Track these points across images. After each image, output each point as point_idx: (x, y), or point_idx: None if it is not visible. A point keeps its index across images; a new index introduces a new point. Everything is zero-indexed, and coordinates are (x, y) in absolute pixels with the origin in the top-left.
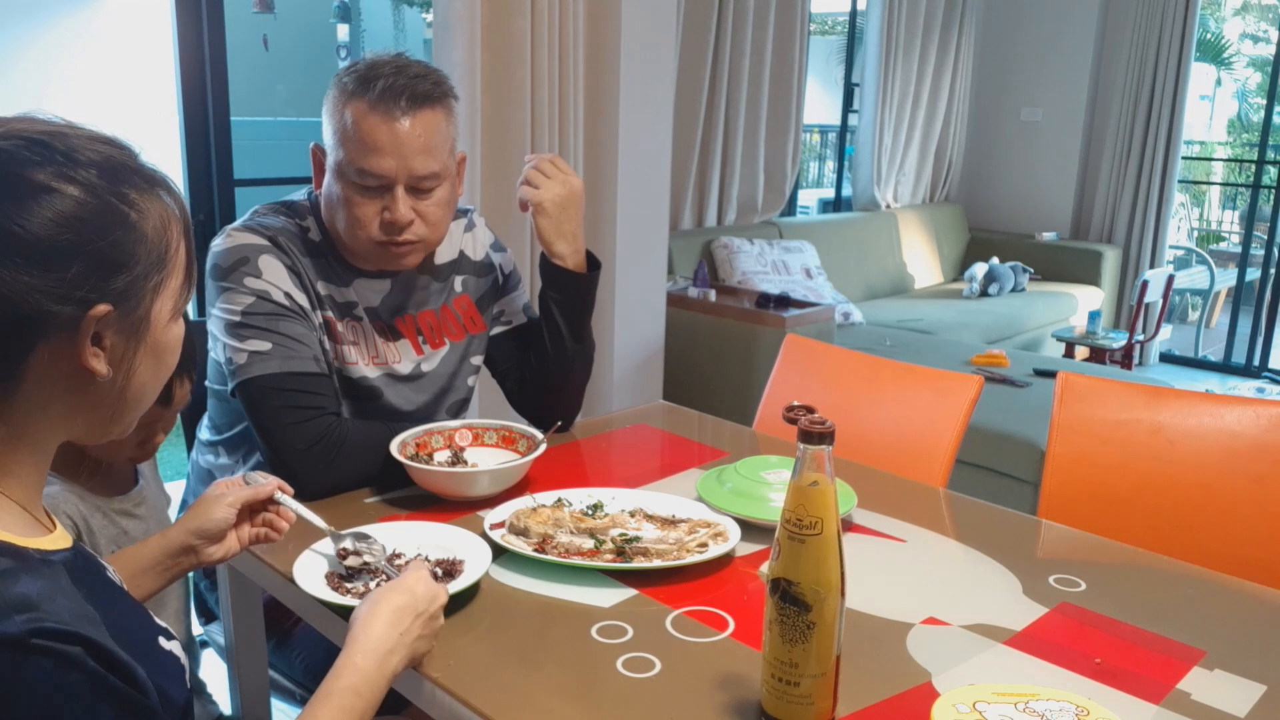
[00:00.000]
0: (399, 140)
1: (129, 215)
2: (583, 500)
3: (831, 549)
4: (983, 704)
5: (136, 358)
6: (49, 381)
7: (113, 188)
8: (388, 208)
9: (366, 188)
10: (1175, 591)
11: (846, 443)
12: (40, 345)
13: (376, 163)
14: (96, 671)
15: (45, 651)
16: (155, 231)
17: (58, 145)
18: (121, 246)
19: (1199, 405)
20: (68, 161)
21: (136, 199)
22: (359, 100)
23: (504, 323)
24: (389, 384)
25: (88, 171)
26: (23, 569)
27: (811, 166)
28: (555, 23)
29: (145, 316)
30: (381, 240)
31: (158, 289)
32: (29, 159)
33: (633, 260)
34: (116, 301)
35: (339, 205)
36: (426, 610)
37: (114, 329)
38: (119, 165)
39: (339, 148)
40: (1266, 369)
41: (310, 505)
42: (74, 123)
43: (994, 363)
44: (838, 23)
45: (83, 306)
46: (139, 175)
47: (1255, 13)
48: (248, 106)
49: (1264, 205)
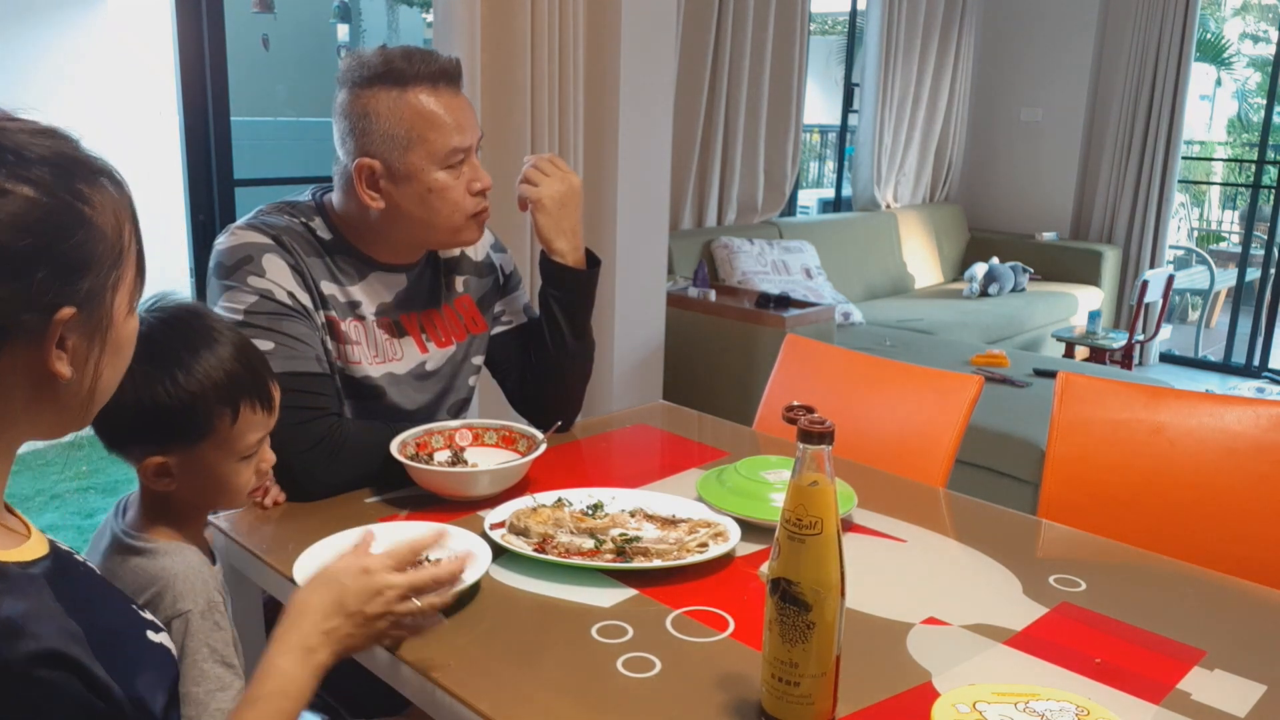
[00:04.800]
0: (467, 111)
1: (85, 212)
2: (583, 500)
3: (831, 549)
4: (983, 704)
5: (100, 356)
6: (12, 386)
7: (67, 184)
8: (473, 178)
9: (454, 166)
10: (1175, 591)
11: (846, 443)
12: (3, 352)
13: (463, 138)
14: (82, 694)
15: (32, 680)
16: (111, 226)
17: (4, 143)
18: (83, 247)
19: (1199, 405)
20: (19, 161)
21: (89, 193)
22: (417, 91)
23: (504, 323)
24: (392, 383)
25: (40, 169)
26: (5, 589)
27: (811, 166)
28: (555, 22)
29: (107, 314)
30: (475, 210)
31: (116, 285)
32: None
33: (633, 260)
34: (81, 304)
35: (432, 199)
36: (360, 610)
37: (77, 331)
38: (68, 159)
39: (419, 142)
40: (1266, 369)
41: (311, 505)
42: (8, 111)
43: (994, 363)
44: (838, 23)
45: (48, 312)
46: (86, 167)
47: (1255, 13)
48: (248, 106)
49: (1264, 205)
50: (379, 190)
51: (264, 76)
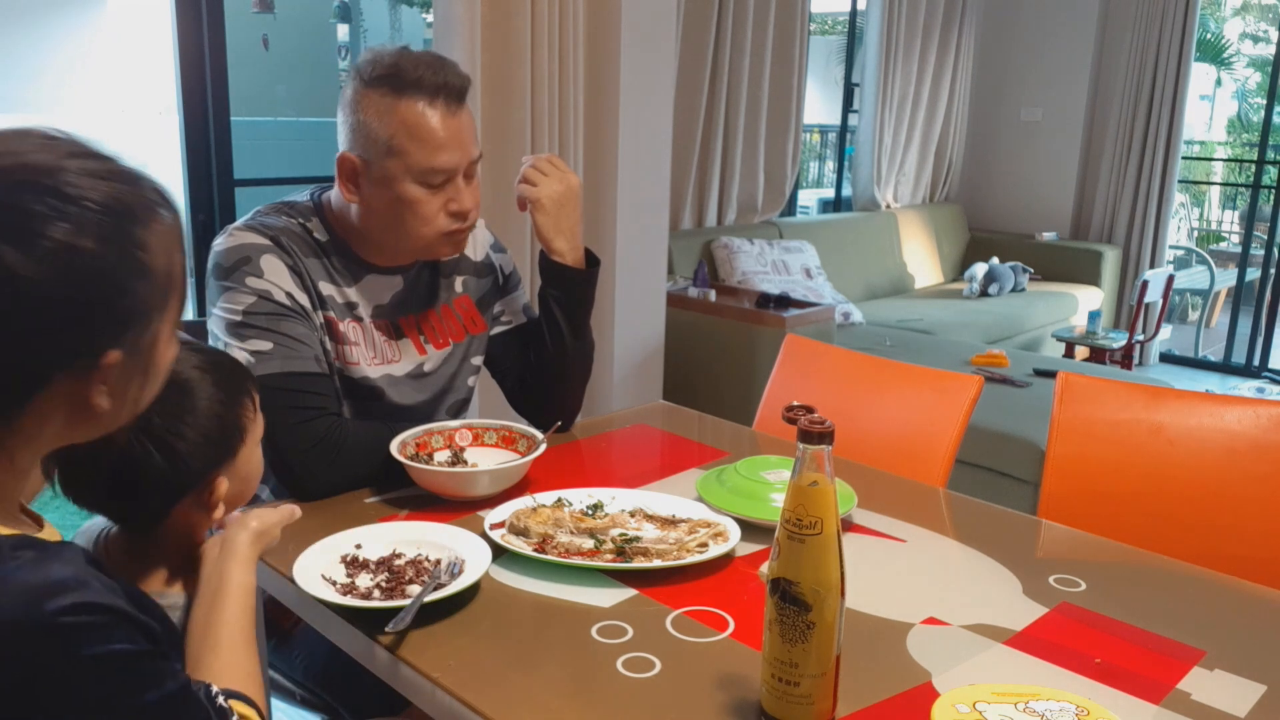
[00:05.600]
0: (460, 133)
1: (141, 260)
2: (583, 500)
3: (831, 549)
4: (983, 704)
5: (139, 386)
6: (51, 411)
7: (126, 233)
8: (452, 199)
9: (432, 185)
10: (1175, 591)
11: (846, 443)
12: (49, 388)
13: (445, 158)
14: (130, 636)
15: (85, 626)
16: (163, 266)
17: (66, 190)
18: (137, 295)
19: (1199, 405)
20: (80, 211)
21: (146, 238)
22: (412, 101)
23: (504, 323)
24: (391, 384)
25: (101, 219)
26: (47, 556)
27: (811, 166)
28: (555, 23)
29: (150, 348)
30: (449, 230)
31: (162, 320)
32: (41, 213)
33: (633, 260)
34: (129, 347)
35: (401, 209)
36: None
37: (121, 367)
38: (127, 204)
39: (397, 153)
40: (1266, 369)
41: (311, 505)
42: (70, 144)
43: (994, 363)
44: (838, 23)
45: (97, 356)
46: (143, 205)
47: (1255, 13)
48: (248, 106)
49: (1264, 205)
50: (356, 187)
51: (264, 76)
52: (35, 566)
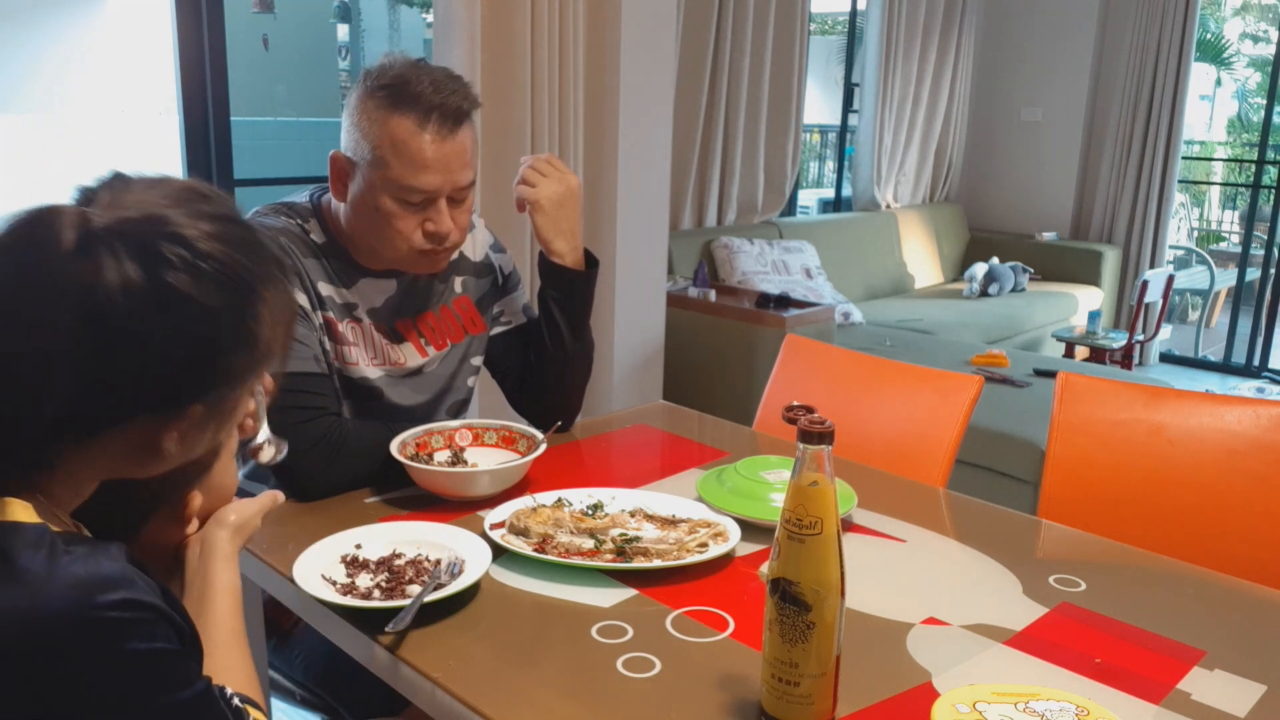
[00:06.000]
0: (446, 158)
1: (251, 329)
2: (583, 500)
3: (831, 549)
4: (983, 704)
5: (207, 436)
6: (120, 445)
7: (245, 299)
8: (430, 220)
9: (410, 203)
10: (1175, 591)
11: (846, 443)
12: (128, 424)
13: (425, 180)
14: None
15: (129, 622)
16: (268, 336)
17: (199, 245)
18: (237, 360)
19: (1199, 405)
20: (208, 269)
21: (260, 309)
22: (403, 117)
23: (504, 323)
24: (390, 384)
25: (225, 281)
26: (97, 552)
27: (811, 166)
28: (555, 22)
29: (229, 405)
30: (424, 249)
31: (251, 382)
32: (170, 261)
33: (633, 260)
34: (213, 402)
35: (377, 218)
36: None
37: (199, 419)
38: (252, 272)
39: (380, 164)
40: (1266, 369)
41: (311, 505)
42: (209, 201)
43: (994, 363)
44: (838, 23)
45: (183, 406)
46: (266, 277)
47: (1255, 13)
48: (248, 106)
49: (1264, 205)
50: (344, 187)
51: (264, 76)
52: (86, 560)
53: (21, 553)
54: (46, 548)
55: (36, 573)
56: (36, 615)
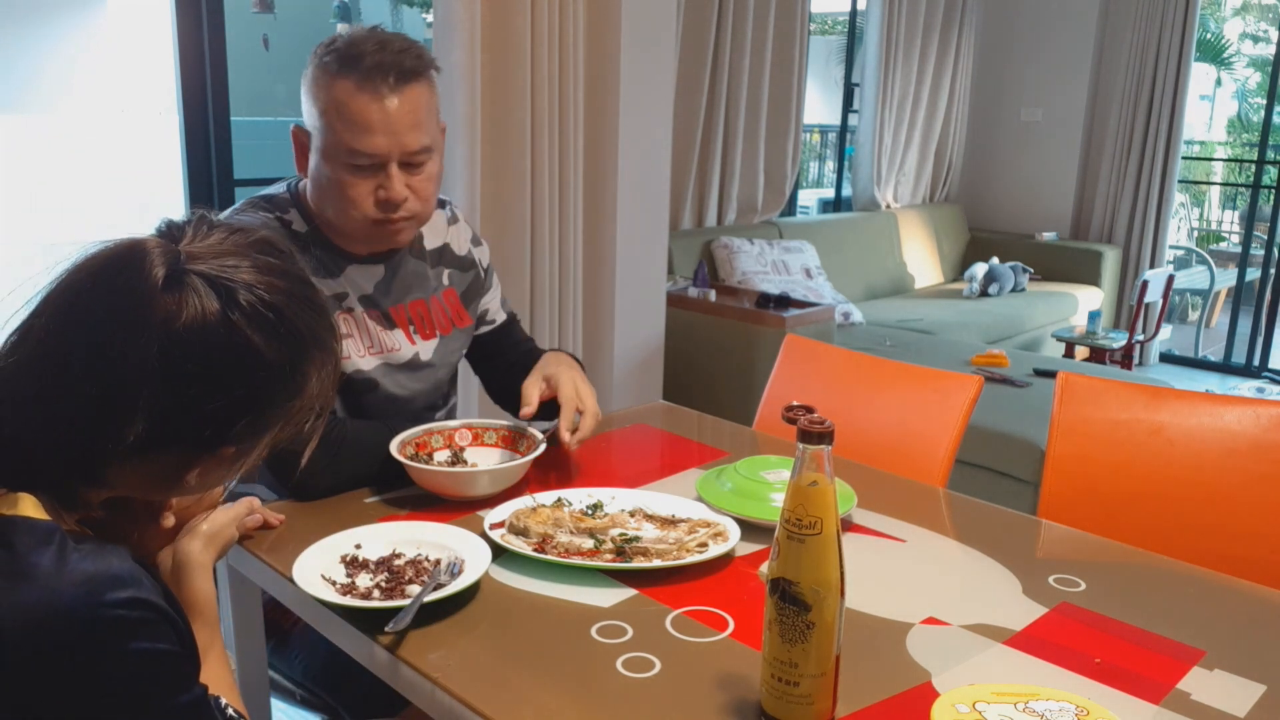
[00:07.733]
0: (390, 118)
1: (300, 386)
2: (583, 500)
3: (831, 549)
4: (983, 704)
5: (227, 476)
6: (148, 468)
7: (302, 358)
8: (382, 186)
9: (359, 167)
10: (1175, 591)
11: (846, 443)
12: (164, 452)
13: (370, 142)
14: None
15: (135, 621)
16: (313, 394)
17: (274, 301)
18: (282, 412)
19: (1199, 405)
20: (277, 323)
21: (310, 370)
22: (344, 79)
23: (489, 323)
24: (386, 374)
25: (289, 337)
26: (105, 550)
27: (811, 166)
28: (555, 23)
29: (256, 450)
30: (377, 219)
31: (279, 430)
32: (243, 307)
33: (633, 260)
34: (243, 449)
35: (329, 187)
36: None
37: (228, 459)
38: (315, 334)
39: (327, 129)
40: (1266, 369)
41: (310, 505)
42: (278, 257)
43: (994, 363)
44: (838, 23)
45: (215, 447)
46: (323, 342)
47: (1255, 13)
48: (248, 106)
49: (1264, 205)
50: (305, 160)
51: (264, 76)
52: (95, 558)
53: (32, 549)
54: (56, 544)
55: (47, 569)
56: (46, 611)
